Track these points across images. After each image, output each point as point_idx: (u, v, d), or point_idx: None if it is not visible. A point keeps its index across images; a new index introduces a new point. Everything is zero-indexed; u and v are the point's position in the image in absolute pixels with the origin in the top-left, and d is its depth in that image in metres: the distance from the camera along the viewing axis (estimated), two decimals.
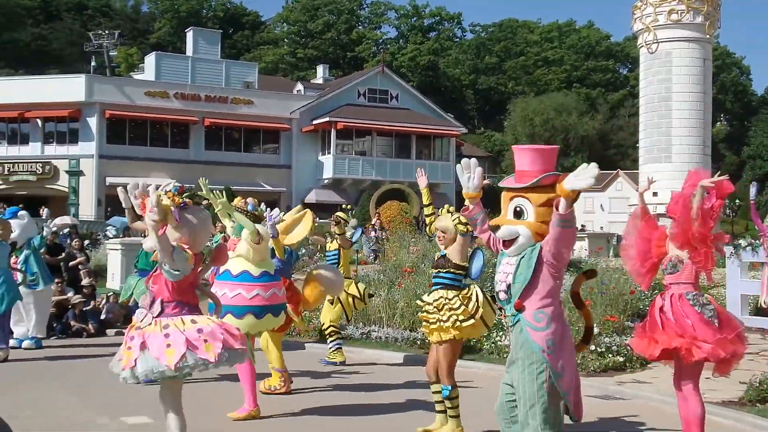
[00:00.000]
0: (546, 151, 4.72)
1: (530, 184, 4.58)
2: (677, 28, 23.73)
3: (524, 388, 4.58)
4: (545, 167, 4.64)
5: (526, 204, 4.62)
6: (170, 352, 4.99)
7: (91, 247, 21.89)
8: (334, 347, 10.31)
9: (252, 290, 7.10)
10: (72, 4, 77.21)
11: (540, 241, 4.56)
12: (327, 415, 7.56)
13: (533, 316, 4.57)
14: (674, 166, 23.69)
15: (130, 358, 5.07)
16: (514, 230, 4.63)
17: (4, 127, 41.25)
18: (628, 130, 58.56)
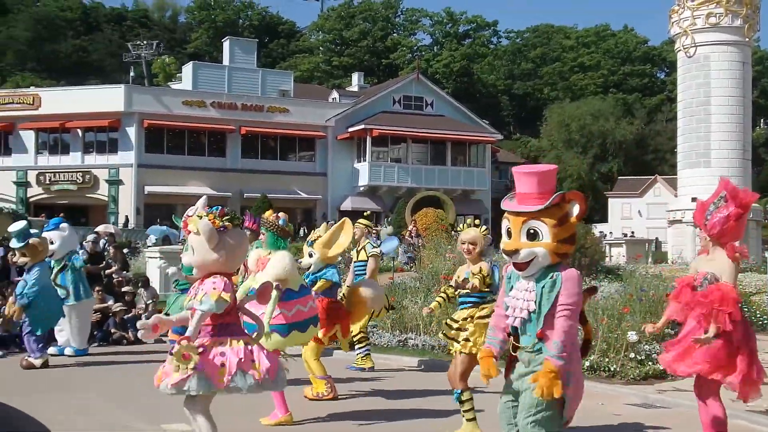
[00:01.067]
0: (550, 172, 4.75)
1: (547, 205, 4.58)
2: (715, 32, 23.45)
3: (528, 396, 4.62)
4: (549, 188, 4.67)
5: (540, 226, 4.60)
6: (222, 371, 5.18)
7: (130, 256, 22.16)
8: (363, 353, 10.31)
9: (277, 308, 7.04)
10: (111, 16, 78.44)
11: (556, 261, 4.61)
12: (360, 420, 7.56)
13: (557, 347, 4.56)
14: (713, 171, 23.38)
15: (180, 374, 5.21)
16: (531, 252, 4.61)
17: (46, 138, 41.97)
18: (665, 135, 57.91)
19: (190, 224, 5.48)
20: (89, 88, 44.89)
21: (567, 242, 4.63)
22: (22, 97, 41.91)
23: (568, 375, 4.56)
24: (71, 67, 67.26)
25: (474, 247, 6.70)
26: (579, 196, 4.66)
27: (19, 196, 40.71)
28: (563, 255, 4.64)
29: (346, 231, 8.07)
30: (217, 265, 5.40)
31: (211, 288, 5.26)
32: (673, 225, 24.35)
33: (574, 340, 4.67)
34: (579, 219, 4.65)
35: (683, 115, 24.48)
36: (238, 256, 5.64)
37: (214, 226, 5.36)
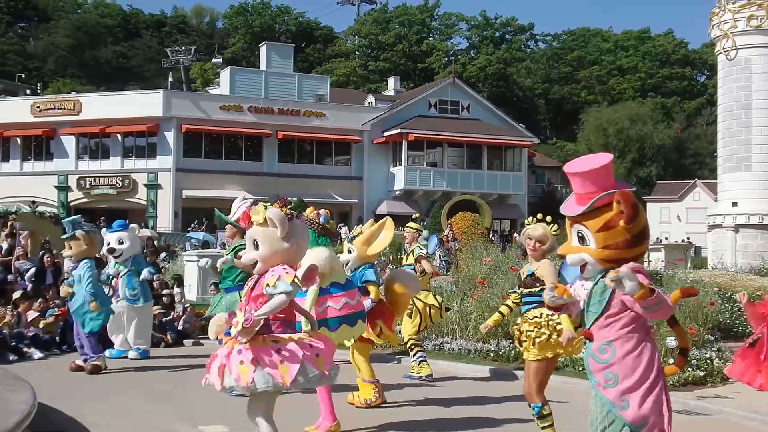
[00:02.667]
0: (596, 171, 4.33)
1: (584, 210, 4.31)
2: (757, 34, 23.10)
3: (592, 413, 4.47)
4: (598, 187, 4.30)
5: (584, 230, 4.34)
6: (284, 368, 5.01)
7: (168, 259, 22.38)
8: (418, 360, 10.06)
9: (323, 302, 6.95)
10: (150, 22, 79.44)
11: (609, 267, 4.21)
12: (415, 430, 7.51)
13: (598, 347, 4.38)
14: (754, 175, 23.07)
15: (247, 372, 5.04)
16: (579, 258, 4.37)
17: (86, 142, 42.58)
18: (705, 139, 57.20)
19: (254, 215, 5.27)
20: (129, 94, 45.47)
21: (619, 248, 4.26)
22: (64, 102, 42.56)
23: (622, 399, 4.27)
24: (111, 73, 68.26)
25: (540, 246, 6.39)
26: (626, 196, 4.23)
27: (60, 200, 41.32)
28: (616, 261, 4.22)
29: (387, 230, 7.89)
30: (288, 255, 5.21)
31: (284, 272, 5.07)
32: (713, 230, 24.02)
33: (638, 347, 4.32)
34: (627, 223, 4.23)
35: (723, 118, 24.16)
36: (305, 248, 5.47)
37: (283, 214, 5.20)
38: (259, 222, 5.22)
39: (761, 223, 22.80)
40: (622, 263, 4.18)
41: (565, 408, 8.07)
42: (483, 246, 17.85)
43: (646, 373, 4.33)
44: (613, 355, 4.30)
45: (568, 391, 9.12)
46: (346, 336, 7.27)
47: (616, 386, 4.29)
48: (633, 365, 4.31)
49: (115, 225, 11.61)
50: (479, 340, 11.63)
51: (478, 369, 10.73)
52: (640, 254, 4.40)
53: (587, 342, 4.44)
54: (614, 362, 4.30)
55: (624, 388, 4.28)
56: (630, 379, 4.30)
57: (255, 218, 5.25)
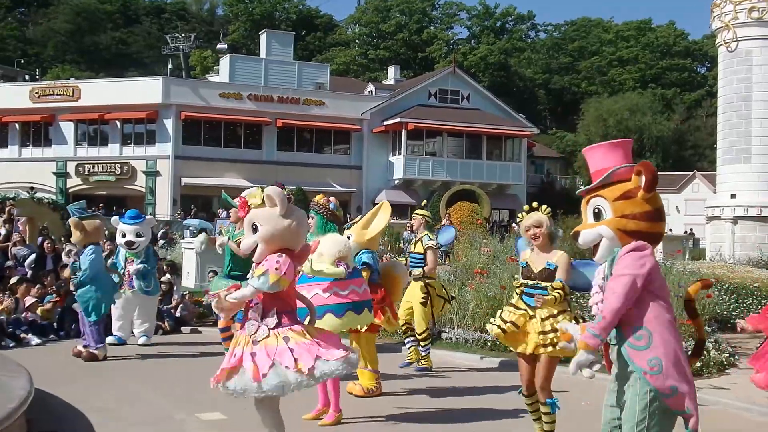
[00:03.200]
0: (617, 143, 4.41)
1: (603, 177, 4.28)
2: (758, 26, 23.03)
3: (628, 408, 4.19)
4: (619, 161, 4.31)
5: (601, 202, 4.26)
6: (301, 365, 4.93)
7: (167, 246, 22.38)
8: (425, 352, 10.06)
9: (330, 289, 6.89)
10: (150, 8, 79.23)
11: (626, 241, 4.13)
12: (417, 421, 7.50)
13: (632, 334, 4.12)
14: (753, 167, 23.05)
15: (256, 371, 4.96)
16: (594, 233, 4.25)
17: (85, 129, 42.52)
18: (705, 131, 57.19)
19: (251, 198, 5.22)
20: (128, 80, 45.37)
21: (636, 218, 4.15)
22: (63, 88, 42.49)
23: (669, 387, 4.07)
24: (111, 59, 68.09)
25: (540, 230, 6.15)
26: (646, 165, 4.20)
27: (59, 186, 41.29)
28: (635, 233, 4.14)
29: (384, 213, 7.83)
30: (289, 235, 5.12)
31: (273, 267, 5.00)
32: (712, 221, 24.02)
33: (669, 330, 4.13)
34: (647, 190, 4.15)
35: (723, 110, 24.11)
36: (304, 232, 5.39)
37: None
38: (256, 204, 5.17)
39: (760, 215, 22.79)
40: (640, 237, 4.11)
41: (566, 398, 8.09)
42: (481, 236, 17.86)
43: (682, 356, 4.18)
44: (649, 339, 4.09)
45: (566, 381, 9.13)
46: (352, 324, 7.20)
47: (663, 373, 4.06)
48: (670, 348, 4.12)
49: (128, 216, 11.59)
50: (477, 330, 11.64)
51: (476, 358, 10.74)
52: (657, 232, 4.24)
53: (616, 331, 4.19)
54: (653, 348, 4.08)
55: (670, 376, 4.08)
56: (673, 368, 4.10)
57: (252, 201, 5.21)
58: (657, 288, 4.15)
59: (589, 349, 4.07)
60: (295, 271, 5.37)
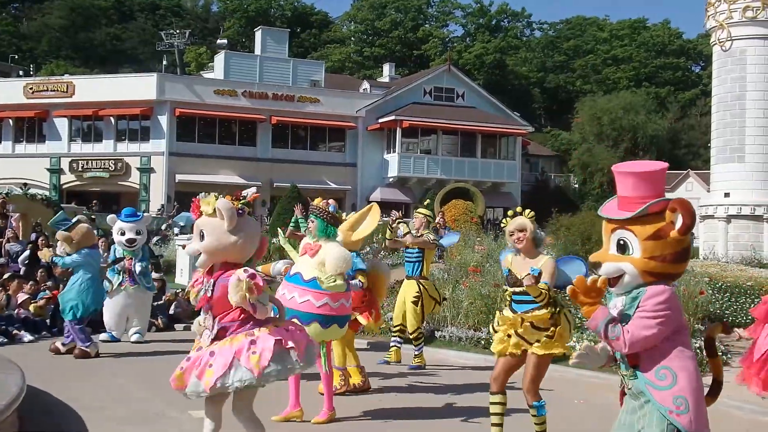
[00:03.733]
0: (652, 173, 4.03)
1: (635, 214, 3.93)
2: (752, 25, 23.09)
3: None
4: (651, 192, 3.98)
5: (630, 237, 3.95)
6: (255, 358, 4.86)
7: (161, 243, 22.35)
8: (419, 351, 10.07)
9: (321, 298, 6.86)
10: (145, 4, 78.95)
11: (650, 281, 3.90)
12: (399, 418, 7.52)
13: (654, 374, 3.93)
14: (747, 166, 23.12)
15: (212, 376, 4.91)
16: (617, 267, 3.96)
17: (79, 125, 42.38)
18: (699, 130, 57.23)
19: (203, 205, 5.09)
20: (122, 77, 45.23)
21: (665, 261, 3.90)
22: (57, 84, 42.36)
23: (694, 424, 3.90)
24: (105, 55, 67.90)
25: (524, 234, 6.11)
26: (684, 204, 3.88)
27: (53, 182, 41.17)
28: (660, 275, 3.92)
29: (372, 216, 7.81)
30: (234, 250, 5.02)
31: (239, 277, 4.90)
32: (705, 220, 24.08)
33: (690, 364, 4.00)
34: (682, 233, 3.88)
35: (717, 109, 24.17)
36: (252, 247, 5.22)
37: (233, 207, 5.02)
38: (208, 213, 5.06)
39: (753, 214, 22.87)
40: (666, 279, 3.94)
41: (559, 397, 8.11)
42: (475, 234, 17.88)
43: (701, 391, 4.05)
44: (674, 378, 3.92)
45: (557, 380, 9.15)
46: (332, 336, 7.20)
47: (688, 411, 3.89)
48: (693, 384, 3.97)
49: (125, 214, 11.62)
50: (470, 328, 11.65)
51: (470, 356, 10.76)
52: (681, 272, 4.09)
53: (635, 371, 4.01)
54: (678, 387, 3.91)
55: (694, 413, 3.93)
56: (699, 400, 3.98)
57: (204, 208, 5.09)
58: (677, 325, 3.99)
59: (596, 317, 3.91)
60: None
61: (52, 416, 7.24)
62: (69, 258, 10.39)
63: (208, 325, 5.12)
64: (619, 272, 3.96)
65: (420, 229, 10.13)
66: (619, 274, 3.96)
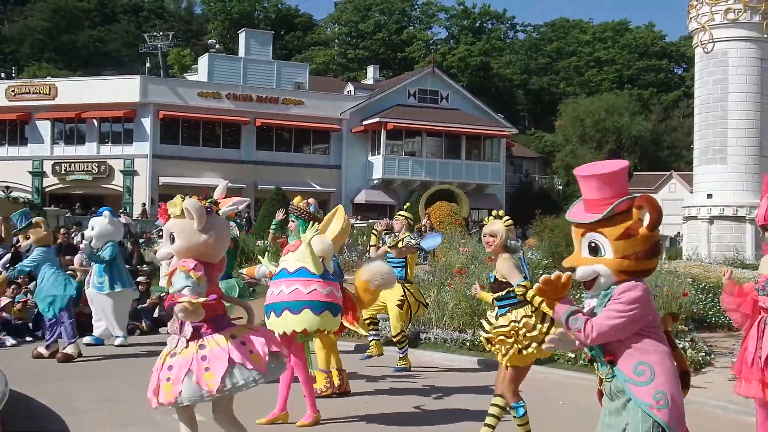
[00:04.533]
0: (614, 174, 4.01)
1: (603, 216, 3.94)
2: (734, 28, 23.24)
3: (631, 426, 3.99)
4: (616, 192, 3.97)
5: (600, 239, 3.96)
6: (209, 375, 4.74)
7: (144, 246, 22.25)
8: (403, 353, 10.06)
9: (310, 285, 6.83)
10: (128, 7, 78.66)
11: (623, 280, 3.93)
12: (384, 422, 7.50)
13: (632, 369, 3.94)
14: (729, 167, 23.26)
15: (171, 390, 4.84)
16: (591, 270, 3.98)
17: (62, 127, 42.15)
18: (682, 131, 57.61)
19: (171, 207, 4.99)
20: (105, 79, 45.04)
21: (638, 258, 3.93)
22: (39, 87, 42.12)
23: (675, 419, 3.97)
24: (88, 58, 67.53)
25: (494, 240, 6.19)
26: (649, 201, 3.92)
27: (35, 185, 40.94)
28: (633, 273, 3.95)
29: (337, 219, 7.62)
30: (205, 249, 4.93)
31: (189, 267, 4.82)
32: (688, 221, 24.22)
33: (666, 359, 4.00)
34: (651, 229, 3.91)
35: (700, 111, 24.31)
36: (224, 245, 5.16)
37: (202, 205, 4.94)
38: (176, 214, 4.97)
39: (735, 215, 23.01)
40: (640, 275, 3.97)
41: (543, 398, 8.12)
42: (460, 236, 17.89)
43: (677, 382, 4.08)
44: (652, 373, 3.93)
45: (543, 381, 9.17)
46: (325, 324, 7.08)
47: (668, 406, 3.93)
48: (670, 377, 4.00)
49: (99, 212, 11.66)
50: (455, 330, 11.66)
51: (455, 358, 10.76)
52: (653, 268, 4.11)
53: (612, 367, 4.01)
54: (657, 382, 3.93)
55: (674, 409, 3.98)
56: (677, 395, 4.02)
57: (172, 211, 5.00)
58: (651, 320, 4.02)
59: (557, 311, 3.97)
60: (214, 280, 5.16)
61: (35, 420, 7.19)
62: (26, 261, 10.36)
63: (174, 329, 5.03)
64: (594, 275, 3.98)
65: (401, 232, 10.11)
66: (594, 277, 3.98)
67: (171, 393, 4.84)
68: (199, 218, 4.89)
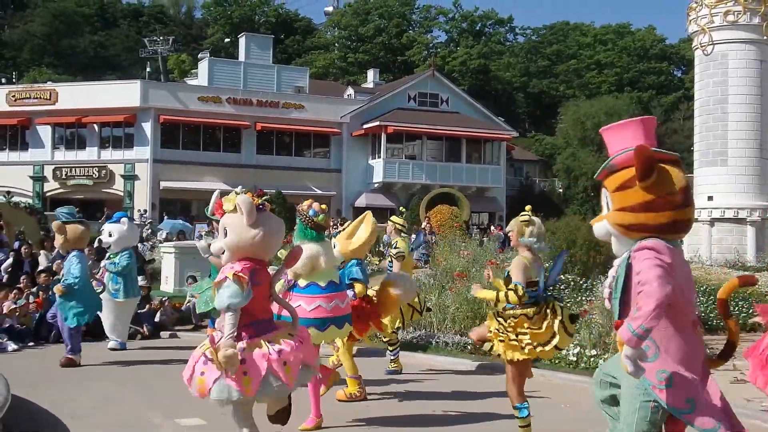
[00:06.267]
0: (626, 125, 4.05)
1: (603, 167, 4.02)
2: (733, 30, 23.26)
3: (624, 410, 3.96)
4: (625, 144, 3.95)
5: (605, 193, 3.97)
6: (247, 380, 4.88)
7: (146, 251, 22.24)
8: (394, 356, 10.07)
9: (313, 302, 6.83)
10: (128, 11, 78.76)
11: (635, 237, 3.80)
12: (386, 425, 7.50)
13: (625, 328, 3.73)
14: (730, 169, 23.27)
15: (203, 384, 4.95)
16: (602, 227, 3.96)
17: (62, 132, 42.17)
18: (682, 134, 57.59)
19: (226, 203, 5.20)
20: (106, 84, 45.04)
21: (635, 210, 3.83)
22: (40, 92, 42.12)
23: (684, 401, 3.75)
24: (88, 63, 67.58)
25: (512, 234, 6.46)
26: (641, 150, 3.81)
27: (36, 190, 40.94)
28: (637, 227, 3.83)
29: (366, 224, 7.77)
30: (254, 245, 5.09)
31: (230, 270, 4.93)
32: None
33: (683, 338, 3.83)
34: (639, 179, 3.81)
35: (700, 113, 24.32)
36: (275, 243, 5.33)
37: (253, 202, 5.13)
38: (229, 210, 5.17)
39: (736, 217, 23.02)
40: (650, 231, 3.81)
41: (545, 402, 8.12)
42: (461, 239, 17.89)
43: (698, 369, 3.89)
44: (657, 350, 3.80)
45: (545, 384, 9.17)
46: (332, 337, 7.19)
47: (673, 388, 3.76)
48: (682, 358, 3.82)
49: (114, 217, 11.64)
50: (457, 333, 11.66)
51: (457, 362, 10.75)
52: (667, 222, 3.86)
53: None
54: (661, 360, 3.81)
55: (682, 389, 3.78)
56: (686, 381, 3.80)
57: (226, 206, 5.21)
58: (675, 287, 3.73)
59: (629, 346, 3.64)
60: (276, 279, 5.34)
61: (37, 424, 7.19)
62: (73, 275, 10.19)
63: (220, 327, 5.12)
64: (606, 231, 3.93)
65: (391, 236, 10.31)
66: (609, 234, 3.93)
67: (203, 387, 4.95)
68: (249, 213, 5.05)
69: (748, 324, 13.54)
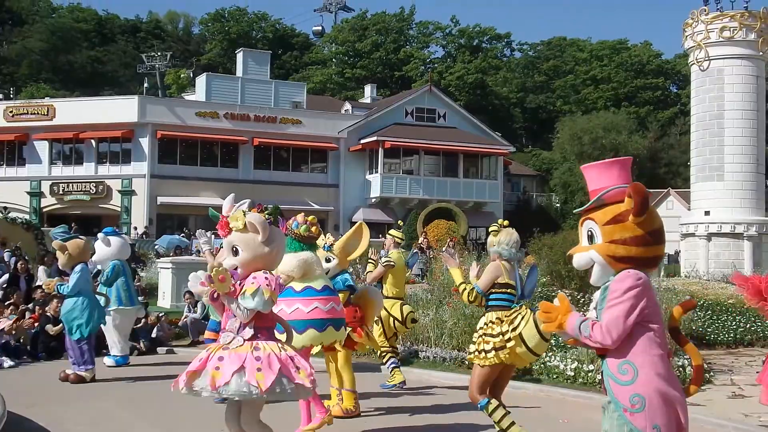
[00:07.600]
0: (611, 164, 4.24)
1: (591, 202, 4.13)
2: (729, 45, 23.38)
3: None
4: (612, 182, 4.14)
5: (593, 225, 4.10)
6: (260, 376, 4.91)
7: (141, 267, 22.19)
8: (391, 368, 9.99)
9: (311, 304, 6.93)
10: (126, 27, 78.95)
11: (619, 268, 3.98)
12: None
13: (617, 367, 3.96)
14: (726, 184, 23.33)
15: (218, 378, 4.95)
16: (586, 257, 4.10)
17: (60, 148, 42.17)
18: (679, 149, 57.72)
19: (233, 221, 5.24)
20: (103, 99, 45.10)
21: (627, 244, 3.98)
22: (37, 107, 42.16)
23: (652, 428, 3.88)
24: (86, 78, 67.70)
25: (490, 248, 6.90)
26: (636, 187, 4.00)
27: (33, 206, 40.90)
28: (625, 259, 3.99)
29: (365, 235, 7.96)
30: (269, 260, 5.22)
31: (265, 284, 5.02)
32: (686, 238, 24.24)
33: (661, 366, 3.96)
34: (636, 214, 3.97)
35: (696, 128, 24.40)
36: (282, 254, 5.51)
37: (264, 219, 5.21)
38: (238, 228, 5.21)
39: (733, 232, 23.05)
40: (632, 263, 3.99)
41: (543, 416, 8.10)
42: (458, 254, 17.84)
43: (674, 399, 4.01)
44: (635, 375, 3.92)
45: (543, 399, 9.15)
46: (330, 339, 7.18)
47: (643, 411, 3.88)
48: (658, 386, 3.94)
49: (104, 232, 11.70)
50: (454, 348, 11.63)
51: (454, 377, 10.72)
52: (651, 257, 4.08)
53: (603, 361, 4.06)
54: (637, 385, 3.91)
55: (655, 417, 3.90)
56: (660, 409, 3.92)
57: (234, 224, 5.23)
58: (649, 319, 3.98)
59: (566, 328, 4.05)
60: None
61: None
62: (71, 283, 10.24)
63: (232, 328, 5.17)
64: (589, 262, 4.09)
65: (389, 249, 10.38)
66: (591, 265, 4.09)
67: (217, 381, 4.96)
68: (263, 231, 5.17)
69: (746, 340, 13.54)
